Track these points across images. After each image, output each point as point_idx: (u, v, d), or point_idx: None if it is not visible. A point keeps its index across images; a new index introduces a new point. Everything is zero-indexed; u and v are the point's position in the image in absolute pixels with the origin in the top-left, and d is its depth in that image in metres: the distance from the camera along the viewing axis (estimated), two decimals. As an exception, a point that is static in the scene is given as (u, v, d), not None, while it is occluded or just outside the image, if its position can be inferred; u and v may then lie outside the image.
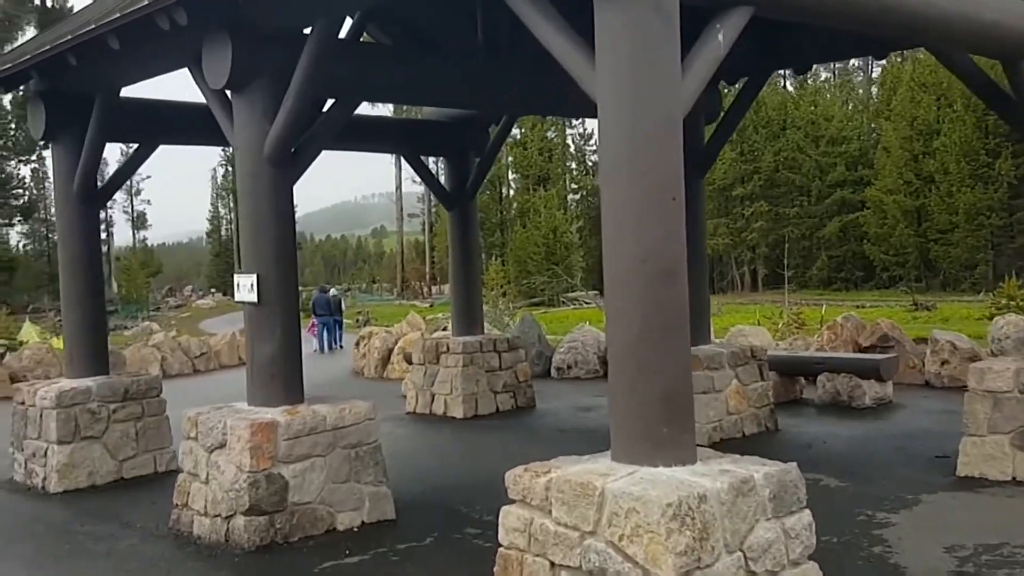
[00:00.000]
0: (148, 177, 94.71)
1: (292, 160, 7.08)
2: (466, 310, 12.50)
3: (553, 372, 15.37)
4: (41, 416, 9.16)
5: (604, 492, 4.40)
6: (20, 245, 77.75)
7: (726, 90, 12.63)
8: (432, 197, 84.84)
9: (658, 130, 4.69)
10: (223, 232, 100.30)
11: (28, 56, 8.54)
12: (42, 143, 10.11)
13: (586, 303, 47.69)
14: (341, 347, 26.06)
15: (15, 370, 18.46)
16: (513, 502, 4.88)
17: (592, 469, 4.70)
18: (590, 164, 66.24)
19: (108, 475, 9.23)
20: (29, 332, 30.94)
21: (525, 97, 9.93)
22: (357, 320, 41.00)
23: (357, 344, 20.29)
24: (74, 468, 9.01)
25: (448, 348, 12.12)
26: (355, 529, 7.06)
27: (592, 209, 63.99)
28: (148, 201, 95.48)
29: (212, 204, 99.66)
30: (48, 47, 8.06)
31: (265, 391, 7.08)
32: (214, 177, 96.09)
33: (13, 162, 66.66)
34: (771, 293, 51.97)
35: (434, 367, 12.33)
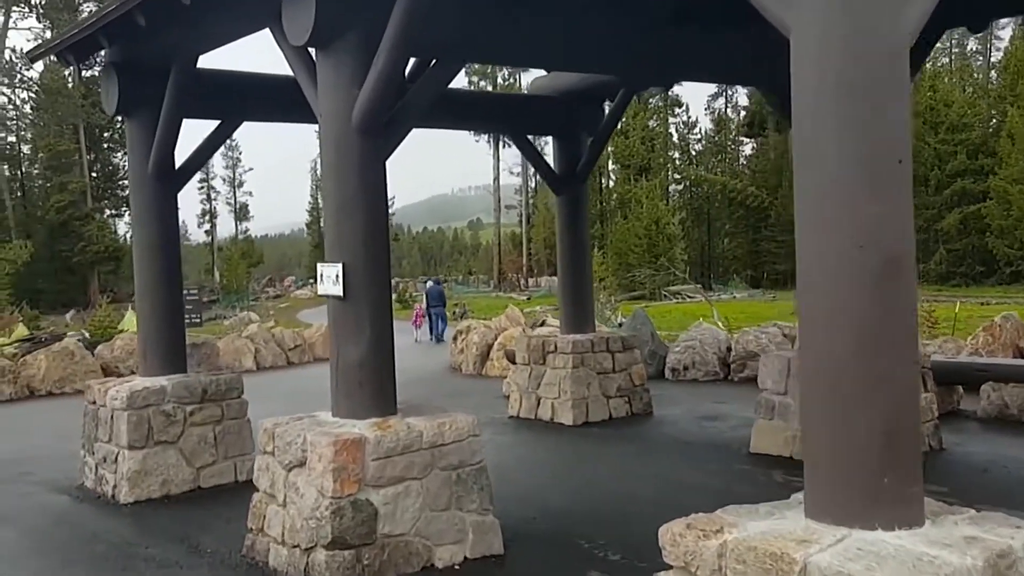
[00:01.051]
0: (251, 169, 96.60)
1: (384, 130, 5.98)
2: (576, 306, 11.28)
3: (667, 373, 14.03)
4: (112, 418, 8.34)
5: (807, 569, 3.13)
6: (127, 236, 79.66)
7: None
8: (530, 188, 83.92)
9: (879, 69, 3.38)
10: (322, 223, 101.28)
11: (95, 19, 7.66)
12: (117, 118, 9.22)
13: (690, 297, 45.94)
14: (442, 340, 26.14)
15: (107, 361, 18.06)
16: (669, 567, 3.64)
17: (783, 531, 3.43)
18: (693, 153, 64.42)
19: (183, 484, 8.35)
20: (131, 321, 30.99)
21: (669, 57, 8.54)
22: (454, 312, 40.20)
23: (455, 338, 19.29)
24: (146, 476, 8.15)
25: (556, 347, 10.93)
26: (456, 567, 5.93)
27: (695, 200, 62.06)
28: (250, 193, 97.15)
29: (312, 195, 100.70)
30: (114, 7, 7.16)
31: (351, 400, 6.01)
32: (314, 169, 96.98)
33: (120, 153, 68.15)
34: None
35: (540, 368, 11.15)
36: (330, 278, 5.99)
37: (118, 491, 8.14)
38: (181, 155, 8.81)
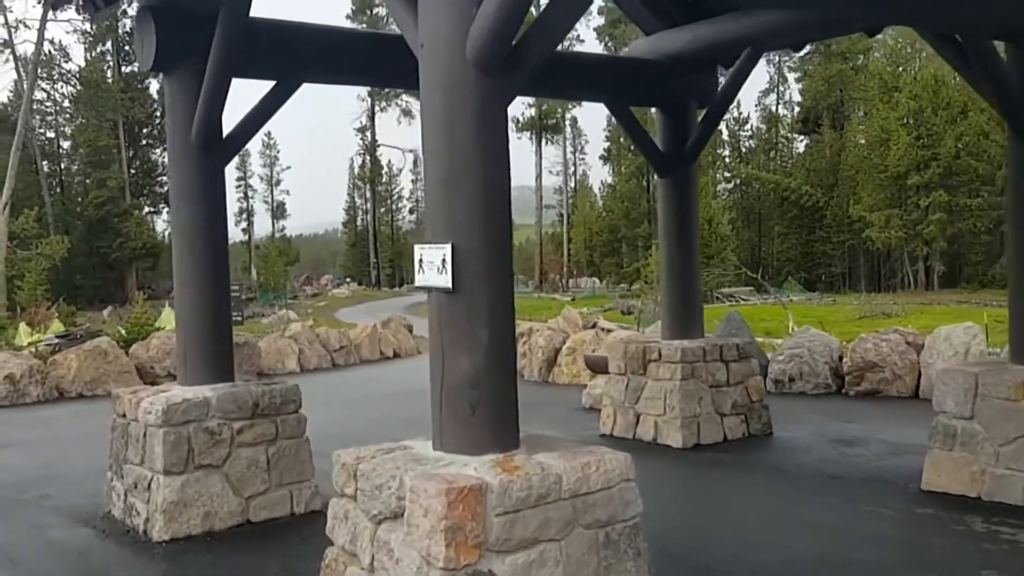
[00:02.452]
0: (288, 167, 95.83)
1: (511, 63, 4.42)
2: (682, 306, 9.68)
3: (770, 385, 12.34)
4: (145, 435, 6.87)
5: None
6: (165, 233, 79.13)
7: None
8: (570, 187, 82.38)
9: None
10: (359, 222, 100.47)
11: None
12: (153, 75, 7.69)
13: (744, 299, 44.05)
14: None
15: (142, 361, 16.74)
16: None
17: None
18: (744, 150, 62.38)
19: (230, 517, 6.87)
20: (168, 318, 29.84)
21: None
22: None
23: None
24: (185, 508, 6.68)
25: (660, 355, 9.30)
26: (602, 660, 4.36)
27: (746, 199, 60.11)
28: (287, 191, 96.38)
29: (349, 194, 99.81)
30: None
31: (461, 430, 4.46)
32: (351, 167, 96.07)
33: (158, 150, 67.54)
34: (947, 292, 47.01)
35: (639, 379, 9.55)
36: (432, 265, 4.45)
37: (151, 525, 6.67)
38: (227, 124, 7.36)
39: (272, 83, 7.62)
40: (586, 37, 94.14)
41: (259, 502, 7.02)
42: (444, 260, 4.36)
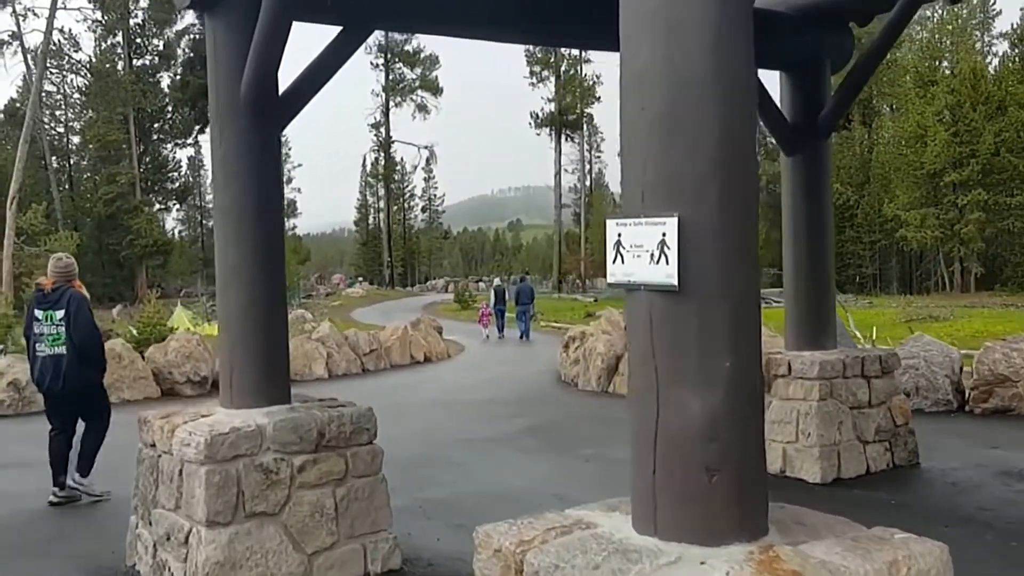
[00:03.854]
0: (299, 165, 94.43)
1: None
2: (812, 309, 8.12)
3: (880, 400, 10.73)
4: (181, 474, 5.36)
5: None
6: (175, 231, 77.96)
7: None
8: (588, 184, 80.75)
9: None
10: (370, 221, 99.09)
11: None
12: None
13: (776, 301, 42.42)
14: (528, 338, 26.64)
15: (159, 365, 15.26)
16: None
17: None
18: (770, 146, 60.42)
19: (289, 579, 5.36)
20: (180, 318, 28.50)
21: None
22: (522, 314, 37.28)
23: (566, 346, 16.21)
24: (234, 570, 5.16)
25: (790, 369, 7.75)
26: None
27: (772, 197, 58.32)
28: (299, 189, 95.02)
29: (360, 192, 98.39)
30: None
31: (691, 507, 2.92)
32: (364, 164, 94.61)
33: (169, 145, 66.24)
34: (985, 295, 45.28)
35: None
36: (641, 250, 2.92)
37: (189, 592, 5.17)
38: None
39: (337, 30, 6.11)
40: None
41: (325, 560, 5.50)
42: (664, 243, 2.84)
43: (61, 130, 67.14)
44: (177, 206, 76.46)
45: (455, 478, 8.31)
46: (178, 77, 64.84)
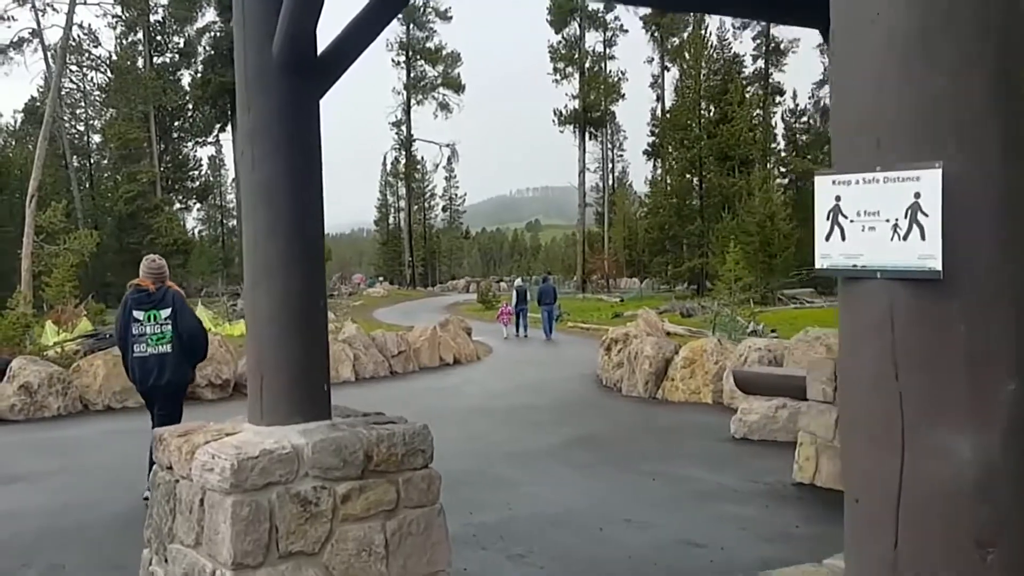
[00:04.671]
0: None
1: None
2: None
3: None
4: (203, 504, 4.49)
5: None
6: (195, 230, 77.53)
7: None
8: (612, 182, 79.63)
9: None
10: (390, 220, 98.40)
11: None
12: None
13: (808, 302, 41.30)
14: (550, 337, 27.04)
15: (180, 369, 14.40)
16: None
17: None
18: (801, 143, 59.36)
19: (330, 631, 4.47)
20: (201, 318, 27.77)
21: None
22: (549, 315, 36.41)
23: (608, 348, 15.29)
24: (266, 621, 4.28)
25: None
26: None
27: (803, 195, 57.20)
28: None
29: (381, 191, 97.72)
30: None
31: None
32: (384, 163, 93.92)
33: (190, 144, 65.73)
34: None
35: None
36: (878, 221, 2.03)
37: (213, 648, 4.30)
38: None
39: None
40: (631, 27, 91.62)
41: (374, 606, 4.63)
42: (917, 208, 1.92)
43: (82, 128, 66.78)
44: (198, 205, 76.07)
45: (507, 498, 7.42)
46: (198, 75, 64.33)
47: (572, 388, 15.13)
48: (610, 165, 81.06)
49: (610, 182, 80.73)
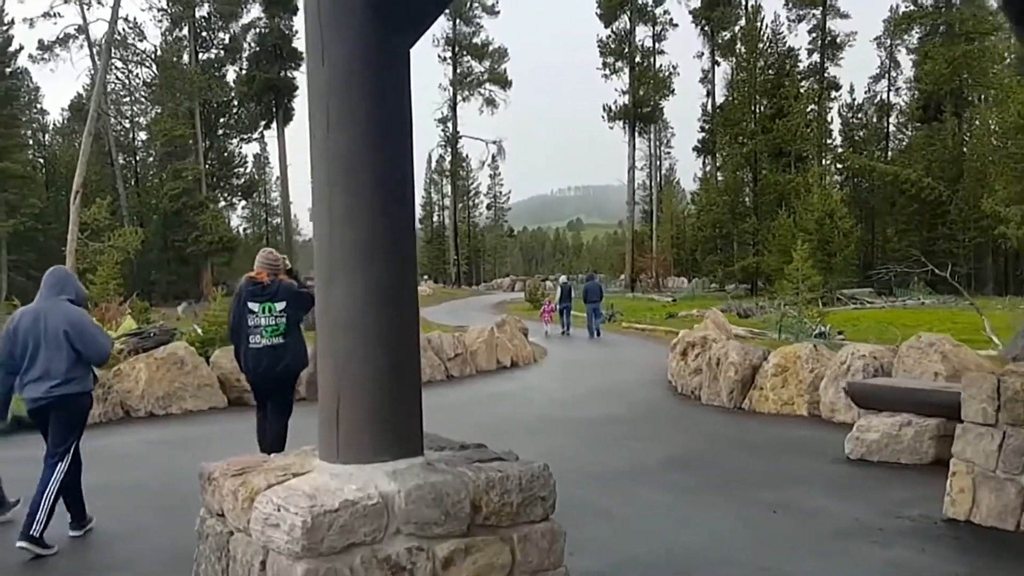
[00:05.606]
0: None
1: None
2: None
3: None
4: (264, 567, 3.46)
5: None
6: (239, 228, 77.37)
7: None
8: (660, 180, 78.15)
9: None
10: (435, 218, 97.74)
11: None
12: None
13: (868, 302, 39.68)
14: (598, 335, 26.75)
15: (226, 372, 13.57)
16: None
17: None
18: (858, 139, 57.52)
19: None
20: (247, 316, 27.05)
21: None
22: (601, 315, 35.26)
23: (684, 353, 14.12)
24: None
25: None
26: None
27: (859, 192, 55.49)
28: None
29: (425, 189, 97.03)
30: None
31: None
32: (429, 161, 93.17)
33: (235, 140, 65.43)
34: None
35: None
36: None
37: None
38: None
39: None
40: (680, 21, 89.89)
41: None
42: None
43: (127, 125, 66.82)
44: (242, 203, 75.90)
45: (606, 534, 6.30)
46: (243, 71, 63.96)
47: (645, 396, 13.98)
48: (657, 162, 79.68)
49: (657, 179, 79.30)
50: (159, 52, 54.09)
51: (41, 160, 63.80)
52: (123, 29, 50.62)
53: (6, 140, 50.84)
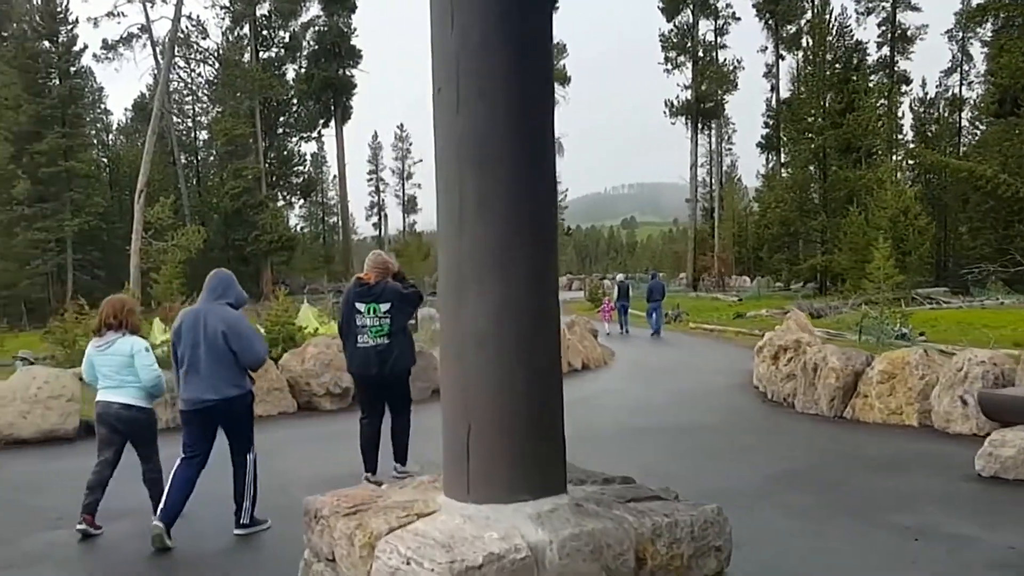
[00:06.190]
0: (420, 160, 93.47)
1: None
2: None
3: None
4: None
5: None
6: (298, 227, 77.73)
7: None
8: (721, 175, 76.62)
9: None
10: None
11: None
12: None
13: (945, 302, 38.20)
14: (659, 335, 26.62)
15: (295, 375, 13.13)
16: None
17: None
18: (930, 134, 55.63)
19: None
20: (307, 316, 26.69)
21: None
22: (666, 316, 34.43)
23: (775, 356, 13.34)
24: None
25: None
26: None
27: (931, 188, 53.69)
28: (419, 185, 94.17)
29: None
30: None
31: None
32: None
33: (294, 139, 65.68)
34: None
35: None
36: None
37: None
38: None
39: None
40: (743, 14, 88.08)
41: None
42: None
43: (189, 124, 67.49)
44: (300, 202, 76.21)
45: (731, 569, 5.62)
46: (302, 70, 64.13)
47: (731, 402, 13.23)
48: (719, 159, 78.15)
49: (719, 176, 77.79)
50: (221, 50, 54.37)
51: (105, 160, 64.64)
52: (186, 27, 51.00)
53: (71, 139, 51.44)
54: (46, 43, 51.84)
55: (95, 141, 64.23)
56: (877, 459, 8.90)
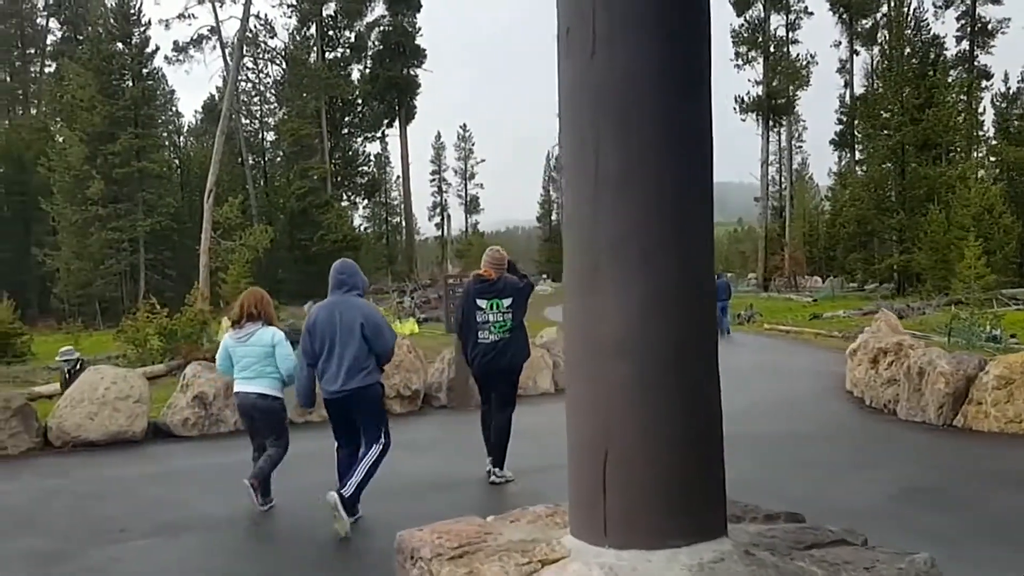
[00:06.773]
0: (483, 160, 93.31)
1: None
2: None
3: None
4: None
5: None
6: (361, 227, 78.00)
7: None
8: (792, 172, 74.84)
9: None
10: (553, 217, 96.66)
11: None
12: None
13: (1034, 303, 36.47)
14: (728, 334, 26.05)
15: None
16: None
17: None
18: (1013, 131, 53.32)
19: None
20: (374, 316, 26.45)
21: None
22: (739, 316, 33.49)
23: (875, 360, 12.46)
24: None
25: None
26: None
27: (1014, 186, 51.49)
28: (481, 185, 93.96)
29: (544, 187, 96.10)
30: None
31: None
32: (548, 159, 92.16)
33: (359, 139, 65.84)
34: None
35: None
36: None
37: None
38: None
39: None
40: (815, 8, 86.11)
41: None
42: None
43: (256, 125, 68.14)
44: (364, 202, 76.47)
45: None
46: (367, 70, 64.28)
47: (826, 408, 12.39)
48: (789, 156, 76.33)
49: (789, 174, 75.97)
50: (288, 50, 54.69)
51: (176, 161, 65.56)
52: (254, 26, 51.31)
53: (144, 140, 52.16)
54: (120, 45, 52.60)
55: (166, 143, 65.18)
56: (1003, 473, 8.05)
